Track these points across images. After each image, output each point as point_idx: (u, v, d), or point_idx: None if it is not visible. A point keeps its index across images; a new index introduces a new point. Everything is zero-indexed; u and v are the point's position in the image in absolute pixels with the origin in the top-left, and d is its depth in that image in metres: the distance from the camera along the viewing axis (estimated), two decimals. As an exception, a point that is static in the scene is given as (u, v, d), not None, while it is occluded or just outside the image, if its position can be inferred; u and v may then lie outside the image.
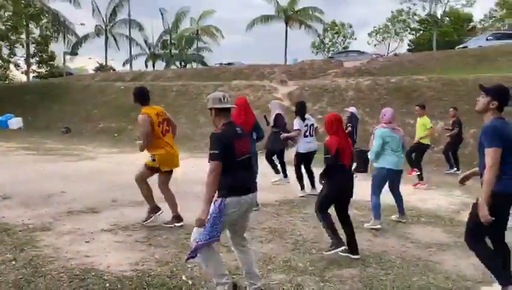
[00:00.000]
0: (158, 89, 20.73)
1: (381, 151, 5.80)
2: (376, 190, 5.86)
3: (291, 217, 6.25)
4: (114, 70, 45.66)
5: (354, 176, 10.34)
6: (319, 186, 5.43)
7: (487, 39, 27.33)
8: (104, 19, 38.47)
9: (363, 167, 6.80)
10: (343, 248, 4.55)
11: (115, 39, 39.74)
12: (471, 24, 47.68)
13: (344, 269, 4.38)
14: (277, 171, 8.67)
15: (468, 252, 5.06)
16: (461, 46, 28.72)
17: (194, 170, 8.41)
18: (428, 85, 16.16)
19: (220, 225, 3.31)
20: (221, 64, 35.33)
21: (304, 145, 7.69)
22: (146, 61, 47.12)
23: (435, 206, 7.21)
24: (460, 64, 20.31)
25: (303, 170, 7.84)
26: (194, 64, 43.64)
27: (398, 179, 6.15)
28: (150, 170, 5.56)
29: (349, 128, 10.61)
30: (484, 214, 3.35)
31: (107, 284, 3.76)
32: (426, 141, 9.06)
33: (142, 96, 5.55)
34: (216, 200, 3.36)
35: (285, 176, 8.68)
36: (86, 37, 39.61)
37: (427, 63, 21.54)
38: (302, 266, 4.41)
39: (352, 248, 4.68)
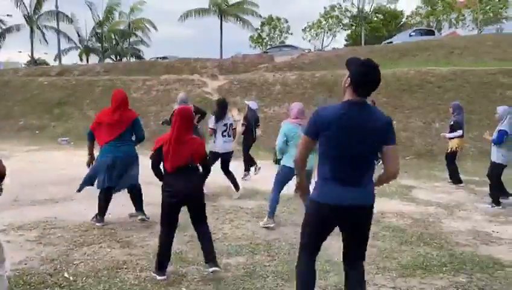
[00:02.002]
0: (84, 84, 20.06)
1: (286, 148, 5.50)
2: (278, 187, 5.68)
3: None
4: (47, 64, 43.45)
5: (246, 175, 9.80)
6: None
7: (410, 35, 28.90)
8: (28, 10, 36.28)
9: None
10: (162, 278, 3.91)
11: (42, 32, 37.62)
12: (403, 20, 50.04)
13: (233, 258, 4.55)
14: None
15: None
16: (387, 41, 30.09)
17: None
18: (350, 79, 16.82)
19: None
20: (158, 58, 34.52)
21: (222, 144, 7.37)
22: (80, 55, 45.24)
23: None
24: (382, 59, 21.27)
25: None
26: (130, 59, 42.43)
27: None
28: None
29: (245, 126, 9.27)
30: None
31: (-21, 286, 3.66)
32: None
33: None
34: None
35: None
36: (9, 30, 37.17)
37: (353, 58, 22.36)
38: (192, 257, 4.52)
39: (211, 260, 4.00)
